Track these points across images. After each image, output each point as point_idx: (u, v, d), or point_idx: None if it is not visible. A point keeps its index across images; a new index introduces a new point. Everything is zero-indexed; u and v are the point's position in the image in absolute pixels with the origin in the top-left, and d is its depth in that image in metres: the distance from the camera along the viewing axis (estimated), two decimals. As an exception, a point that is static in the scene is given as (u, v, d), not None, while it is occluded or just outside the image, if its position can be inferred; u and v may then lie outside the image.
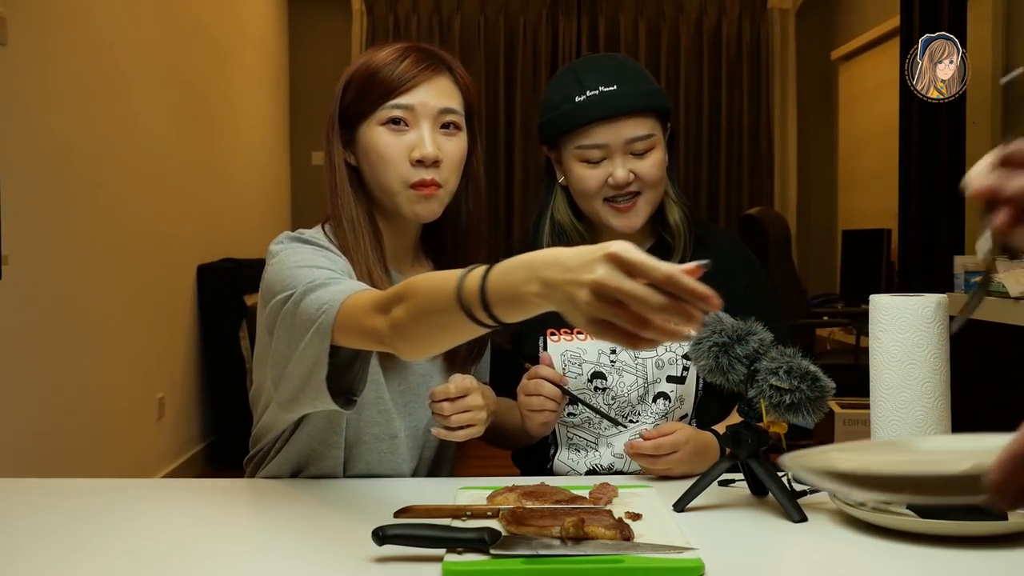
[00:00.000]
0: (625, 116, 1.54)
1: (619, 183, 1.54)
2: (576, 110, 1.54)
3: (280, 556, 1.10)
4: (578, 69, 1.60)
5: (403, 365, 1.42)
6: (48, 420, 2.88)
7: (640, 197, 1.57)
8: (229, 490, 1.43)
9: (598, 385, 1.59)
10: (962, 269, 3.22)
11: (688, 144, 6.66)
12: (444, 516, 1.16)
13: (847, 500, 1.17)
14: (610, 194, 1.56)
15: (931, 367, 1.31)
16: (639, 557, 1.01)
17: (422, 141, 1.35)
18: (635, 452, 1.40)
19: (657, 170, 1.58)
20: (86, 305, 3.26)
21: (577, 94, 1.55)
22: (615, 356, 1.58)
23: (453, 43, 6.55)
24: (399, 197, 1.36)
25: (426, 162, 1.35)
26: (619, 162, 1.55)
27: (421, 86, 1.36)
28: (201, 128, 4.63)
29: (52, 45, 3.02)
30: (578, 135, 1.55)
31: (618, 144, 1.54)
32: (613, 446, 1.59)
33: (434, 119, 1.37)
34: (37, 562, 1.06)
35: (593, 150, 1.55)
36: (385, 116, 1.36)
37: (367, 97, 1.37)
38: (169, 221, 4.11)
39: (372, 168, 1.38)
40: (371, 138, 1.37)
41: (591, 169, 1.56)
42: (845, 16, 6.41)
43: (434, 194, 1.36)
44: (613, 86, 1.55)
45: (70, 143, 3.15)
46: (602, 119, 1.53)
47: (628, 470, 1.58)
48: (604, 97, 1.54)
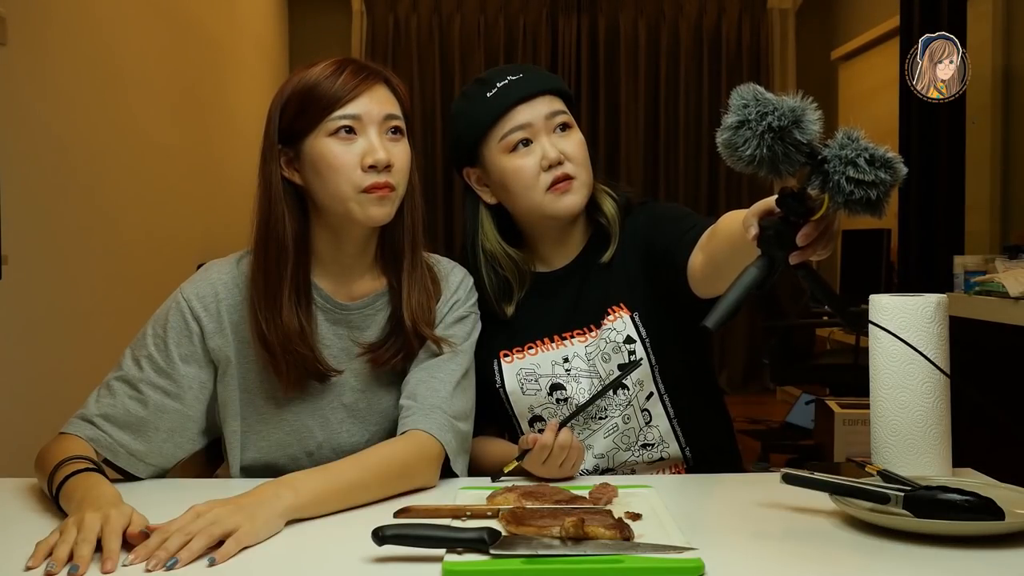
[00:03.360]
0: (539, 95, 1.58)
1: (552, 159, 1.56)
2: (492, 101, 1.58)
3: (280, 556, 1.10)
4: (478, 79, 1.65)
5: (329, 387, 1.45)
6: (48, 420, 2.88)
7: (575, 179, 1.58)
8: (229, 490, 1.43)
9: (559, 396, 1.60)
10: (962, 269, 3.22)
11: (688, 144, 6.66)
12: (444, 516, 1.16)
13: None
14: (547, 180, 1.56)
15: (931, 367, 1.31)
16: (639, 557, 1.01)
17: (373, 147, 1.37)
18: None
19: (582, 148, 1.60)
20: (86, 305, 3.25)
21: (487, 91, 1.59)
22: (568, 364, 1.60)
23: (453, 43, 6.55)
24: (351, 203, 1.37)
25: (379, 167, 1.37)
26: (546, 141, 1.57)
27: (363, 95, 1.38)
28: (201, 128, 4.63)
29: (52, 45, 3.01)
30: (499, 125, 1.57)
31: (540, 121, 1.57)
32: (592, 447, 1.60)
33: (380, 125, 1.39)
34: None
35: (518, 131, 1.57)
36: (333, 127, 1.37)
37: (309, 111, 1.38)
38: (169, 221, 4.11)
39: (322, 179, 1.38)
40: (320, 150, 1.37)
41: (522, 157, 1.57)
42: (845, 16, 6.41)
43: (387, 196, 1.38)
44: (519, 75, 1.60)
45: (70, 143, 3.15)
46: (519, 100, 1.57)
47: (612, 466, 1.60)
48: (513, 83, 1.59)
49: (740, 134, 1.03)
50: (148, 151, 3.89)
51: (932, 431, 1.32)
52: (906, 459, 1.32)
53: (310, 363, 1.40)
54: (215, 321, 1.43)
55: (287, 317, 1.39)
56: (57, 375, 2.92)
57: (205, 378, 1.43)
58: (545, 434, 1.38)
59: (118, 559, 1.04)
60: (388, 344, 1.44)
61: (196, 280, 1.47)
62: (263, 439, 1.45)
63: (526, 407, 1.62)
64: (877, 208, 1.02)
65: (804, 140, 1.02)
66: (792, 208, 1.06)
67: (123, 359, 1.44)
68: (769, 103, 1.02)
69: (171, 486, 1.43)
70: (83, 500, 1.17)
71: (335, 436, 1.46)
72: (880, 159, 1.01)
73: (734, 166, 1.05)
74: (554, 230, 1.64)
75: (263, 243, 1.42)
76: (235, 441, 1.44)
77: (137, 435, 1.40)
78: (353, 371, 1.45)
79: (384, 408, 1.47)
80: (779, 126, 1.01)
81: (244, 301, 1.43)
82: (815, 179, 1.03)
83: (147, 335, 1.44)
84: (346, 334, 1.45)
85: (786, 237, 1.06)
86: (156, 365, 1.41)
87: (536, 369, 1.61)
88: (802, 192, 1.05)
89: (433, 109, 6.50)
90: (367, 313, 1.46)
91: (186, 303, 1.43)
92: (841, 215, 1.05)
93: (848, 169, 1.01)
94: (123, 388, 1.41)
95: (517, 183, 1.58)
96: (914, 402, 1.32)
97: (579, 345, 1.61)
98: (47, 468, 1.29)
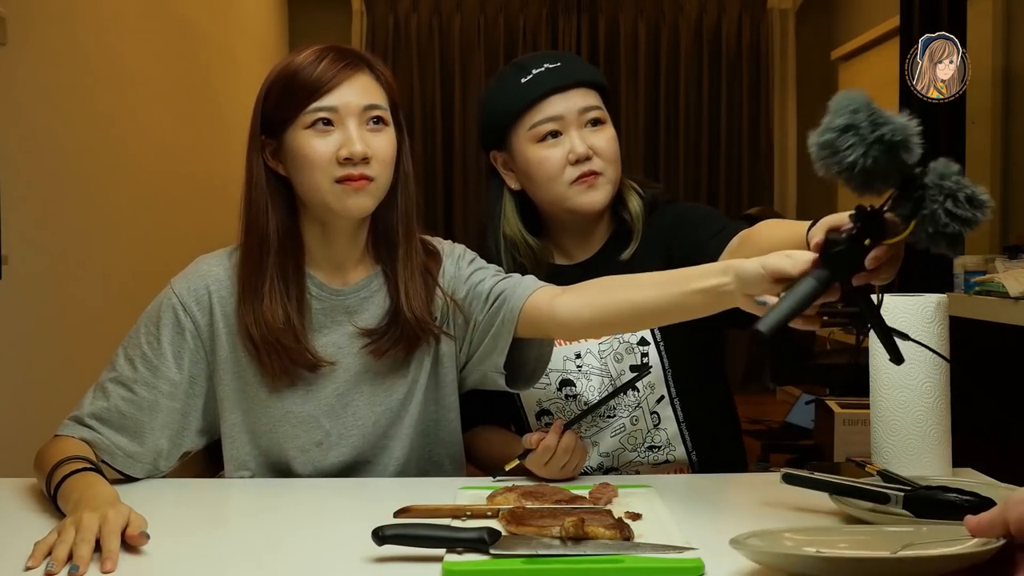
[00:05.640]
0: (575, 86, 1.56)
1: (580, 155, 1.53)
2: (526, 88, 1.55)
3: (280, 556, 1.10)
4: (516, 62, 1.61)
5: (323, 377, 1.43)
6: (48, 420, 2.87)
7: (601, 176, 1.56)
8: (229, 490, 1.43)
9: (568, 393, 1.58)
10: (962, 269, 3.21)
11: (688, 144, 6.66)
12: (444, 516, 1.16)
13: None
14: (573, 174, 1.54)
15: (931, 367, 1.31)
16: (639, 557, 1.01)
17: (349, 139, 1.34)
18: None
19: (613, 144, 1.58)
20: (86, 305, 3.25)
21: (523, 77, 1.56)
22: (580, 360, 1.58)
23: (453, 43, 6.55)
24: (328, 195, 1.35)
25: (355, 159, 1.34)
26: (575, 135, 1.55)
27: (342, 85, 1.36)
28: (201, 128, 4.63)
29: (52, 45, 3.01)
30: (531, 113, 1.55)
31: (572, 115, 1.55)
32: (599, 445, 1.59)
33: (359, 116, 1.36)
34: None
35: (548, 123, 1.54)
36: (309, 120, 1.35)
37: (288, 102, 1.36)
38: (169, 221, 4.10)
39: (300, 173, 1.37)
40: (298, 143, 1.36)
41: (550, 148, 1.55)
42: (845, 16, 6.41)
43: (364, 187, 1.35)
44: (557, 63, 1.57)
45: (70, 143, 3.15)
46: (554, 90, 1.54)
47: (617, 465, 1.59)
48: (550, 72, 1.55)
49: (845, 138, 0.99)
50: (148, 151, 3.89)
51: (932, 431, 1.32)
52: (906, 459, 1.32)
53: (296, 354, 1.39)
54: (207, 315, 1.42)
55: (268, 309, 1.37)
56: (57, 375, 2.92)
57: (199, 374, 1.42)
58: (549, 436, 1.37)
59: (117, 559, 1.04)
60: (387, 335, 1.42)
61: (187, 275, 1.45)
62: (271, 431, 1.43)
63: (534, 400, 1.60)
64: (959, 245, 1.01)
65: (909, 161, 0.99)
66: (868, 227, 1.03)
67: (117, 358, 1.43)
68: (883, 115, 0.99)
69: (171, 486, 1.42)
70: (81, 500, 1.17)
71: (342, 424, 1.44)
72: (977, 200, 1.00)
73: (824, 168, 1.02)
74: (576, 223, 1.61)
75: (247, 234, 1.41)
76: (234, 434, 1.43)
77: (133, 437, 1.39)
78: (354, 357, 1.44)
79: (391, 392, 1.45)
80: (891, 140, 0.98)
81: (235, 294, 1.42)
82: (904, 203, 1.01)
83: (140, 332, 1.43)
84: (346, 319, 1.43)
85: (853, 255, 1.04)
86: (149, 364, 1.40)
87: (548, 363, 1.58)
88: (880, 212, 1.02)
89: (433, 109, 6.50)
90: (363, 296, 1.44)
91: (177, 298, 1.42)
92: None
93: (947, 202, 0.99)
94: (117, 390, 1.40)
95: (541, 173, 1.56)
96: (914, 402, 1.32)
97: (593, 342, 1.59)
98: (45, 468, 1.29)
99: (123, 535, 1.08)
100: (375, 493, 1.37)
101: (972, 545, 0.86)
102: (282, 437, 1.43)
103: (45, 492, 1.28)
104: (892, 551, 0.90)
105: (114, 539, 1.06)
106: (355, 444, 1.44)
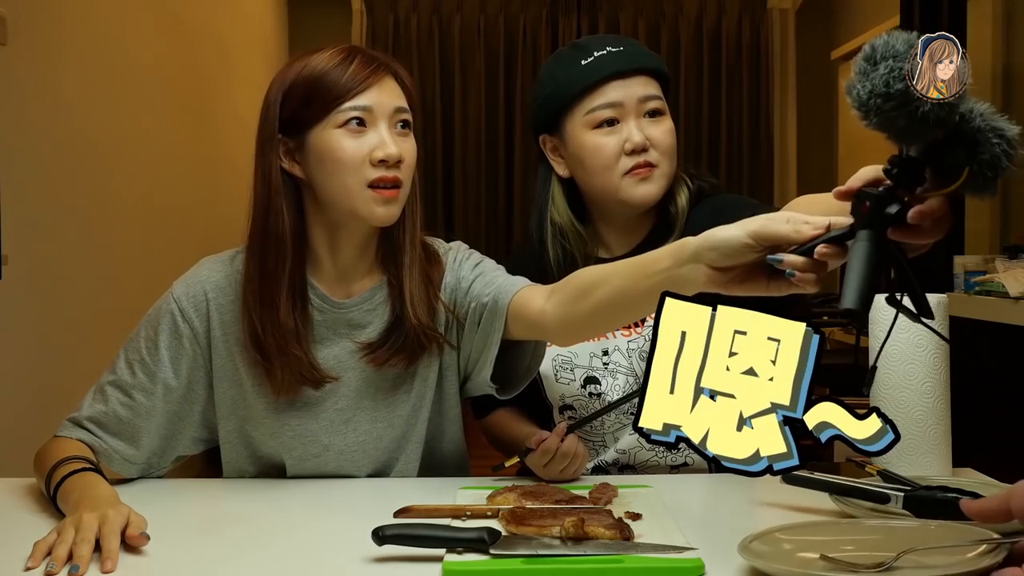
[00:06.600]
0: (637, 73, 1.50)
1: (636, 145, 1.49)
2: (586, 71, 1.49)
3: (280, 556, 1.10)
4: (578, 43, 1.55)
5: (323, 395, 1.41)
6: (48, 420, 2.87)
7: (656, 169, 1.51)
8: (228, 490, 1.43)
9: (592, 390, 1.56)
10: (962, 269, 3.21)
11: (688, 144, 6.64)
12: (444, 516, 1.16)
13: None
14: (627, 165, 1.50)
15: (931, 367, 1.31)
16: (639, 557, 1.01)
17: (384, 142, 1.31)
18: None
19: (671, 137, 1.53)
20: (87, 305, 3.25)
21: (583, 58, 1.50)
22: (607, 358, 1.55)
23: (453, 43, 6.54)
24: (358, 200, 1.31)
25: (390, 161, 1.31)
26: (633, 124, 1.50)
27: (374, 87, 1.33)
28: (201, 128, 4.63)
29: (53, 45, 3.01)
30: (589, 98, 1.50)
31: (632, 103, 1.50)
32: (618, 440, 1.57)
33: (390, 119, 1.34)
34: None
35: (606, 110, 1.50)
36: (343, 118, 1.31)
37: (316, 102, 1.32)
38: (170, 221, 4.10)
39: (328, 173, 1.32)
40: (327, 142, 1.31)
41: (605, 136, 1.50)
42: (845, 16, 6.41)
43: (394, 197, 1.32)
44: (619, 47, 1.52)
45: (70, 143, 3.15)
46: (616, 75, 1.49)
47: (632, 463, 1.57)
48: (612, 55, 1.50)
49: (892, 97, 0.93)
50: (149, 151, 3.89)
51: (932, 431, 1.32)
52: (906, 459, 1.32)
53: (305, 368, 1.35)
54: (204, 321, 1.40)
55: (284, 318, 1.34)
56: (57, 375, 2.92)
57: (198, 380, 1.41)
58: (550, 439, 1.35)
59: (117, 559, 1.04)
60: (388, 343, 1.39)
61: (187, 279, 1.44)
62: (268, 442, 1.42)
63: (557, 395, 1.57)
64: (994, 186, 0.95)
65: (963, 110, 0.93)
66: (902, 178, 0.95)
67: (117, 360, 1.42)
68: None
69: (171, 486, 1.43)
70: (80, 500, 1.17)
71: (340, 440, 1.41)
72: (1011, 133, 0.94)
73: (887, 119, 0.93)
74: (623, 216, 1.57)
75: (260, 239, 1.37)
76: (231, 440, 1.43)
77: (130, 441, 1.39)
78: (356, 372, 1.41)
79: (391, 408, 1.42)
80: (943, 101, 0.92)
81: (237, 300, 1.39)
82: (955, 149, 0.93)
83: (140, 336, 1.42)
84: (346, 334, 1.40)
85: (885, 211, 0.95)
86: (147, 369, 1.39)
87: (573, 359, 1.56)
88: (916, 161, 0.94)
89: (433, 109, 6.49)
90: (366, 308, 1.40)
91: (176, 304, 1.41)
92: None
93: (1002, 143, 0.93)
94: (115, 394, 1.40)
95: (596, 161, 1.51)
96: (914, 402, 1.32)
97: (622, 339, 1.55)
98: (45, 468, 1.29)
99: (123, 535, 1.08)
100: (375, 493, 1.37)
101: (972, 559, 0.86)
102: (280, 448, 1.42)
103: (45, 492, 1.28)
104: (897, 553, 0.91)
105: (114, 539, 1.06)
106: (355, 460, 1.43)
